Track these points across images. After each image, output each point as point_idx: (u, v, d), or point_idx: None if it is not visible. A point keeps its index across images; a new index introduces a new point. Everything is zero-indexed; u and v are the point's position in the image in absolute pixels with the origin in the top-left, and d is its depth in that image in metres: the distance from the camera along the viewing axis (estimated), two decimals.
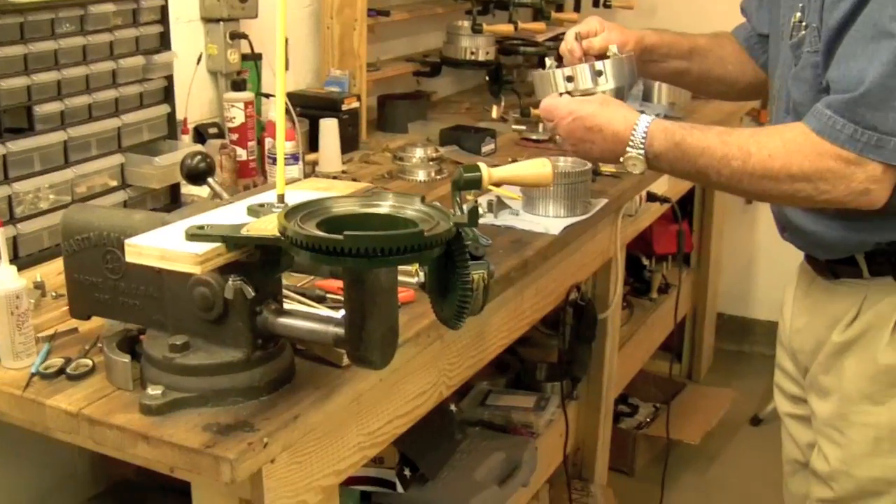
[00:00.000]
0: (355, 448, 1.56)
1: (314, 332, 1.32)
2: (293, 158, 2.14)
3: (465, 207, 1.16)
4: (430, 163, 2.62)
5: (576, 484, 2.85)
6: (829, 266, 1.67)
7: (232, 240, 1.08)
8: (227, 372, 1.33)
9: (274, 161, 2.12)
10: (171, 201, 2.16)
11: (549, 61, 1.75)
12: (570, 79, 1.70)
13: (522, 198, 2.25)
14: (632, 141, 1.55)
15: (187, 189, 2.19)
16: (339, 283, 1.64)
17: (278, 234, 1.05)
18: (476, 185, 1.31)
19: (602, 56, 1.78)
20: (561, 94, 1.69)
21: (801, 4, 1.56)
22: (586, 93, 1.69)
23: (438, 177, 2.54)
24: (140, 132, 2.06)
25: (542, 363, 2.96)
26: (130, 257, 1.09)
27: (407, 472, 2.16)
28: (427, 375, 1.74)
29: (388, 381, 1.57)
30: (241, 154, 2.37)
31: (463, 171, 1.29)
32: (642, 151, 1.55)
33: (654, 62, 1.90)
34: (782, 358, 1.87)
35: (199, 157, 1.52)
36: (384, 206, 1.09)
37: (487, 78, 3.23)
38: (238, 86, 2.39)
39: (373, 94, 3.05)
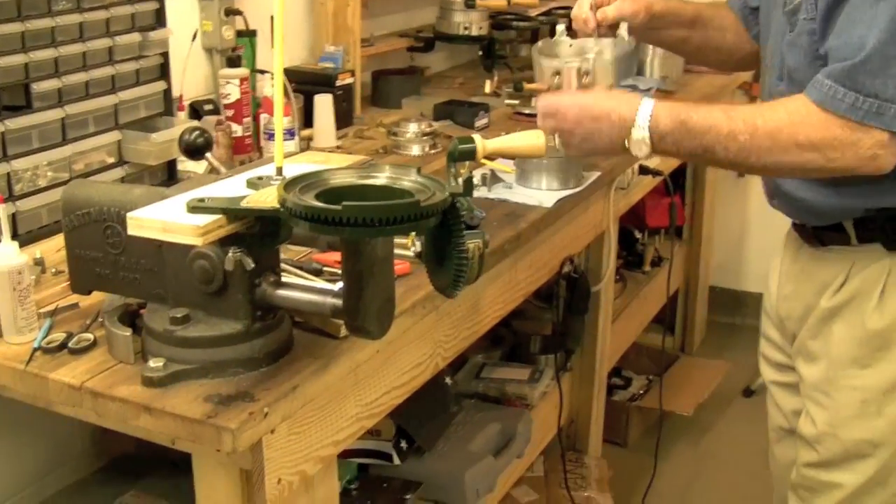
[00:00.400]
0: (353, 419, 1.58)
1: (312, 303, 1.34)
2: (289, 133, 2.16)
3: (460, 179, 1.17)
4: (424, 137, 2.63)
5: (570, 455, 2.89)
6: (817, 233, 1.69)
7: (232, 211, 1.10)
8: (227, 343, 1.35)
9: (270, 137, 2.14)
10: (168, 177, 2.17)
11: (559, 28, 1.79)
12: (557, 73, 1.77)
13: (516, 171, 2.27)
14: (637, 123, 1.54)
15: (184, 165, 2.21)
16: (336, 256, 1.67)
17: (278, 206, 1.07)
18: (471, 156, 1.33)
19: (614, 26, 1.81)
20: (548, 88, 1.76)
21: None
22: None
23: (433, 151, 2.56)
24: (137, 109, 2.07)
25: (536, 336, 2.98)
26: (132, 230, 1.11)
27: (403, 445, 2.19)
28: (423, 347, 1.77)
29: (385, 353, 1.60)
30: (237, 130, 2.38)
31: (458, 143, 1.31)
32: (647, 133, 1.54)
33: (658, 30, 1.91)
34: (767, 326, 1.90)
35: (196, 132, 1.54)
36: (381, 178, 1.11)
37: (481, 53, 3.24)
38: (233, 62, 2.41)
39: (367, 69, 3.06)
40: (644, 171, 2.71)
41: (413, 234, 1.50)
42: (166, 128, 2.09)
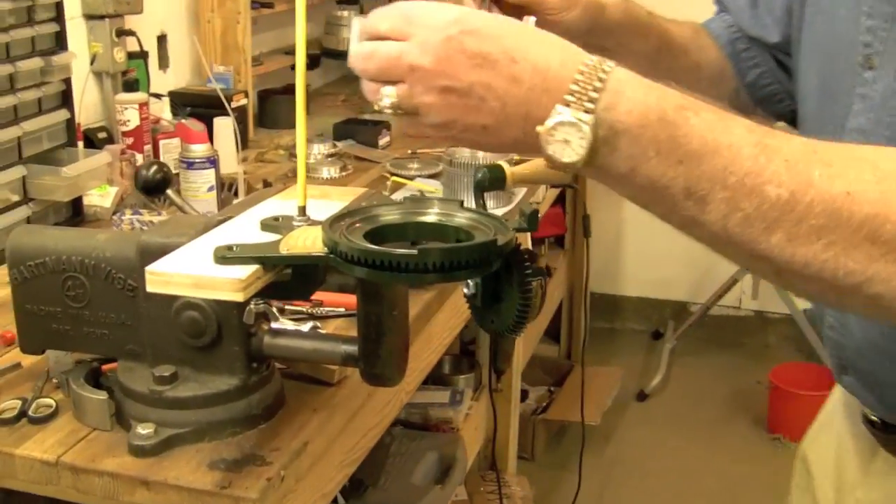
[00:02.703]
0: (338, 467, 1.47)
1: (319, 351, 1.22)
2: (209, 162, 2.01)
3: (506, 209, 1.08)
4: (330, 159, 2.53)
5: (490, 476, 2.83)
6: None
7: (273, 260, 0.97)
8: (223, 402, 1.22)
9: (188, 166, 1.98)
10: (74, 214, 1.99)
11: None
12: None
13: (442, 191, 2.19)
14: (576, 88, 0.75)
15: (89, 199, 2.03)
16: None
17: (325, 251, 0.95)
18: (501, 185, 1.24)
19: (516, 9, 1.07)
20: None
21: None
22: None
23: (343, 173, 2.45)
24: (40, 141, 1.89)
25: (446, 356, 2.91)
26: (154, 287, 0.97)
27: (346, 484, 2.08)
28: None
29: (371, 394, 1.49)
30: (139, 159, 2.21)
31: (487, 171, 1.22)
32: (590, 116, 0.74)
33: (607, 46, 1.15)
34: None
35: (155, 167, 1.39)
36: (431, 215, 1.01)
37: None
38: (131, 86, 2.23)
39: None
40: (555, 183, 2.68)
41: None
42: (71, 160, 1.91)
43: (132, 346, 1.27)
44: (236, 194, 2.12)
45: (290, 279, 1.02)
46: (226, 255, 0.97)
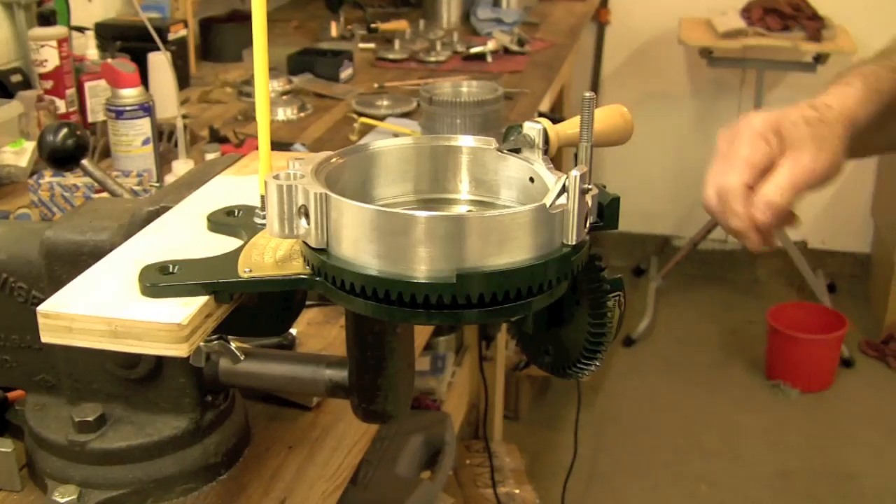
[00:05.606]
0: (320, 498, 1.17)
1: (297, 379, 0.92)
2: (143, 109, 1.66)
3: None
4: (286, 97, 2.20)
5: (475, 445, 2.56)
6: None
7: (231, 287, 0.65)
8: (170, 450, 0.91)
9: (118, 115, 1.64)
10: None
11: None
12: None
13: (421, 134, 1.88)
14: None
15: (1, 159, 1.69)
16: None
17: (307, 271, 0.64)
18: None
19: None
20: None
21: None
22: None
23: (302, 113, 2.12)
24: None
25: None
26: (50, 336, 0.65)
27: None
28: None
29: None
30: (60, 106, 1.86)
31: (520, 130, 0.88)
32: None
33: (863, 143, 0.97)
34: None
35: (64, 130, 1.05)
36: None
37: None
38: (47, 19, 1.86)
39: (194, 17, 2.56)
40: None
41: None
42: None
43: (44, 375, 0.96)
44: (177, 145, 1.79)
45: (255, 308, 0.71)
46: (158, 283, 0.65)
